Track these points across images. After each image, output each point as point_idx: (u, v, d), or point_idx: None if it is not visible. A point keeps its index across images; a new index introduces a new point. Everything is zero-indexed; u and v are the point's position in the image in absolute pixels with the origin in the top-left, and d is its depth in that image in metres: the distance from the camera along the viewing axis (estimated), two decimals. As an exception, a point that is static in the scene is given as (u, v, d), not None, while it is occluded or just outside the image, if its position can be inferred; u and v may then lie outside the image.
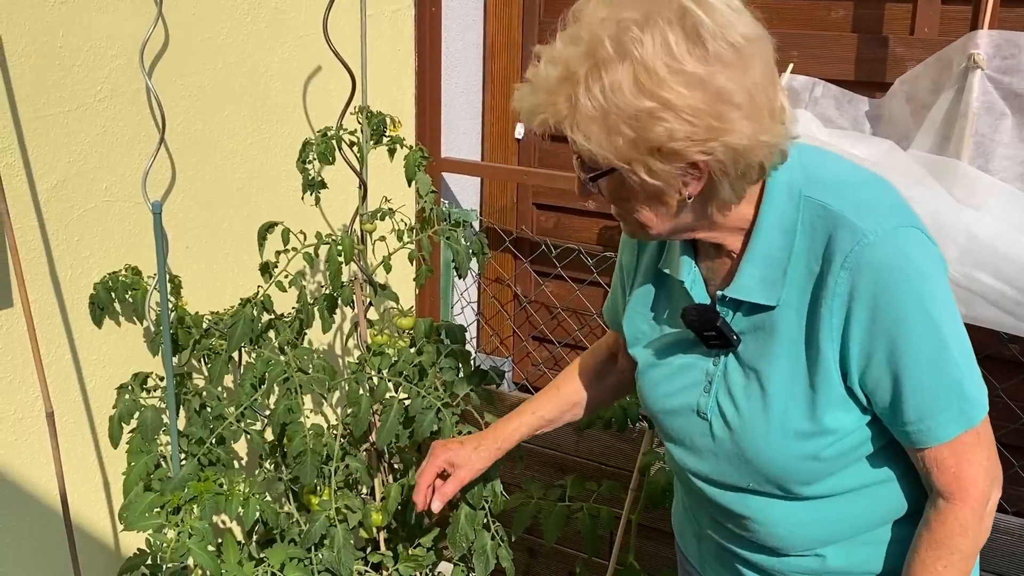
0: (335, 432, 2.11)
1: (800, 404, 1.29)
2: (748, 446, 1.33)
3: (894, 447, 1.32)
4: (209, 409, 2.07)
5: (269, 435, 2.17)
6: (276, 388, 2.08)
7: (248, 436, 2.05)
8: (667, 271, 1.39)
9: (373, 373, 2.10)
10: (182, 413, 2.09)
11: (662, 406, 1.45)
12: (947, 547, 1.28)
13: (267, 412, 2.16)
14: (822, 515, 1.36)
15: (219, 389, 2.12)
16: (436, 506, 1.71)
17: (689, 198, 1.20)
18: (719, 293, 1.32)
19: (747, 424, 1.33)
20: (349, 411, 2.10)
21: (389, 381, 2.09)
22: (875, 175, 1.32)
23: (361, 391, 2.09)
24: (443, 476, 1.73)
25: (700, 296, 1.34)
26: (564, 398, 1.74)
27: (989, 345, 2.48)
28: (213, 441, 2.02)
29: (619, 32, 1.12)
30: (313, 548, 2.03)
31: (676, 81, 1.10)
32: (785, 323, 1.28)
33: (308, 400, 2.13)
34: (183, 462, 2.02)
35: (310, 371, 2.10)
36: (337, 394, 2.69)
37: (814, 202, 1.25)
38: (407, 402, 2.08)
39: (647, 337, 1.46)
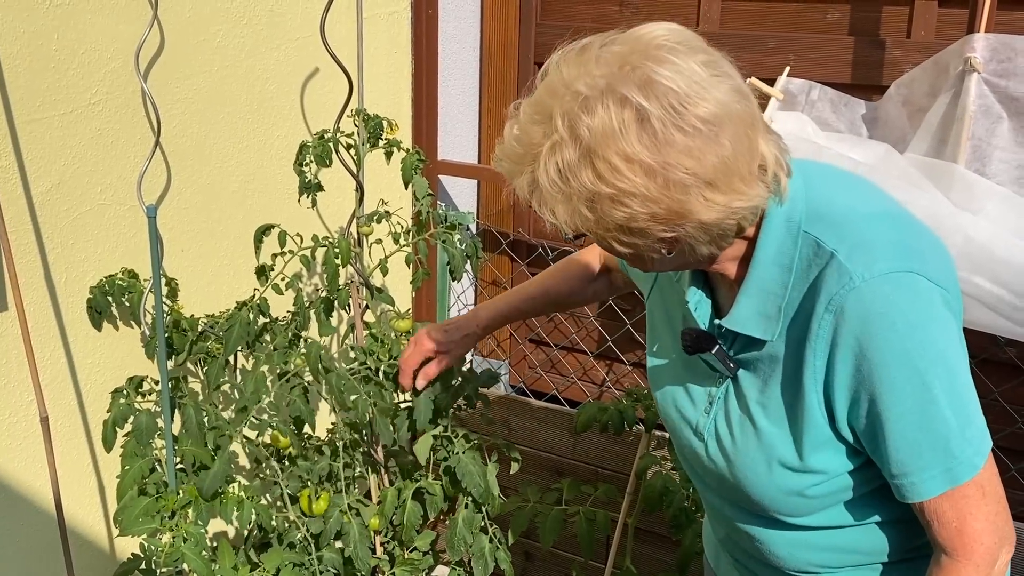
0: (332, 435, 2.11)
1: (786, 442, 1.26)
2: (738, 474, 1.32)
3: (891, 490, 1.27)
4: (207, 415, 2.07)
5: (267, 436, 2.17)
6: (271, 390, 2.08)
7: (246, 440, 2.05)
8: (681, 287, 1.38)
9: (370, 373, 2.09)
10: (177, 417, 2.09)
11: (670, 417, 1.44)
12: None
13: (265, 416, 2.15)
14: (818, 543, 1.34)
15: (215, 393, 2.12)
16: (420, 383, 1.90)
17: (669, 253, 1.18)
18: (716, 322, 1.30)
19: (739, 453, 1.31)
20: (348, 413, 2.10)
21: (385, 384, 2.09)
22: (889, 208, 1.26)
23: (357, 394, 2.09)
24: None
25: (702, 320, 1.32)
26: (549, 298, 1.82)
27: (986, 348, 2.49)
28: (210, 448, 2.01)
29: (572, 109, 1.09)
30: (314, 550, 2.03)
31: (631, 170, 1.07)
32: (779, 359, 1.25)
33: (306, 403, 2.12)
34: (179, 466, 2.02)
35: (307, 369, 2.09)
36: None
37: (811, 238, 1.20)
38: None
39: (663, 348, 1.45)
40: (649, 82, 1.07)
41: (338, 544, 2.11)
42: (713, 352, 1.29)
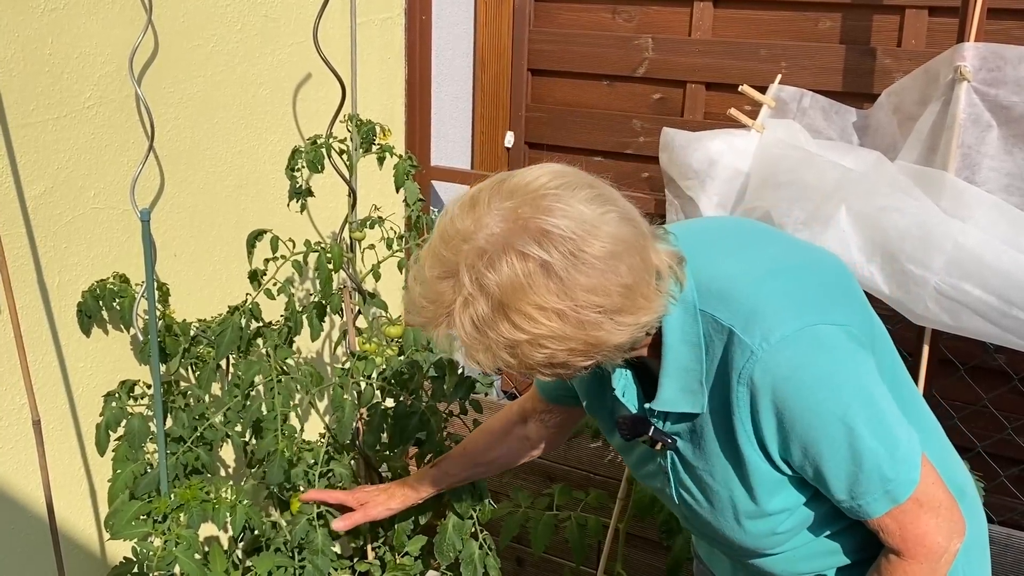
0: (323, 440, 2.11)
1: (743, 498, 1.33)
2: (716, 526, 1.40)
3: None
4: (192, 405, 2.07)
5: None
6: (262, 392, 2.08)
7: (230, 439, 2.05)
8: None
9: (361, 379, 2.09)
10: (169, 421, 2.08)
11: (642, 482, 1.53)
12: None
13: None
14: (809, 553, 1.41)
15: (206, 397, 2.12)
16: (338, 526, 1.92)
17: (586, 370, 1.23)
18: (646, 406, 1.35)
19: (708, 512, 1.39)
20: (335, 415, 2.10)
21: (376, 388, 2.09)
22: (769, 262, 1.31)
23: (346, 396, 2.09)
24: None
25: (631, 404, 1.37)
26: (468, 457, 1.85)
27: (975, 355, 2.50)
28: (195, 443, 2.01)
29: (476, 265, 1.13)
30: (296, 554, 2.03)
31: (545, 316, 1.12)
32: (711, 427, 1.31)
33: (291, 403, 2.13)
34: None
35: (295, 374, 2.09)
36: (326, 401, 2.68)
37: (708, 316, 1.26)
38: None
39: (604, 427, 1.52)
40: (544, 234, 1.12)
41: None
42: (650, 434, 1.35)
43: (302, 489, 2.09)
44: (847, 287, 1.34)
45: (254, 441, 2.15)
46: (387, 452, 2.22)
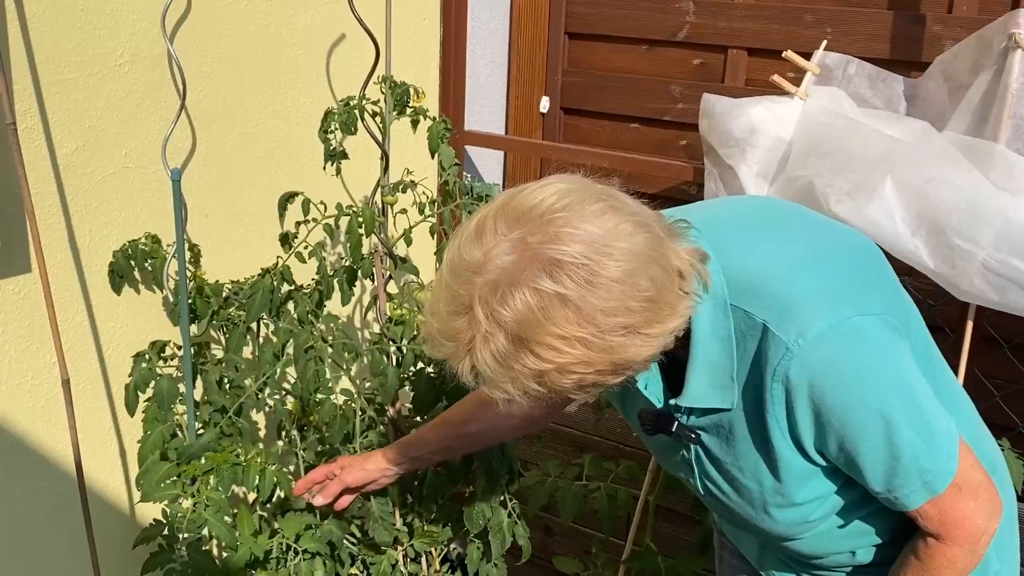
0: (354, 406, 2.10)
1: (772, 491, 1.31)
2: (744, 516, 1.38)
3: None
4: (227, 381, 2.06)
5: (289, 404, 2.16)
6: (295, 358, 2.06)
7: (268, 408, 2.05)
8: None
9: (403, 343, 2.08)
10: (199, 383, 2.08)
11: (667, 469, 1.51)
12: None
13: (286, 384, 2.14)
14: (838, 536, 1.39)
15: (237, 366, 2.11)
16: (318, 501, 1.86)
17: (618, 386, 1.19)
18: (672, 401, 1.31)
19: (735, 504, 1.37)
20: (376, 380, 2.08)
21: (412, 351, 2.07)
22: (801, 250, 1.27)
23: (385, 360, 2.08)
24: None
25: (655, 398, 1.33)
26: (446, 428, 1.79)
27: (1020, 333, 2.44)
28: (232, 412, 2.01)
29: (489, 300, 1.08)
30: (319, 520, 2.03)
31: (569, 345, 1.08)
32: (741, 422, 1.28)
33: (327, 373, 2.11)
34: (200, 431, 2.02)
35: (331, 341, 2.08)
36: (355, 368, 2.67)
37: (740, 311, 1.22)
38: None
39: (627, 417, 1.48)
40: (555, 264, 1.07)
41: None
42: (673, 430, 1.32)
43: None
44: (879, 270, 1.31)
45: (289, 404, 2.14)
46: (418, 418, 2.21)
